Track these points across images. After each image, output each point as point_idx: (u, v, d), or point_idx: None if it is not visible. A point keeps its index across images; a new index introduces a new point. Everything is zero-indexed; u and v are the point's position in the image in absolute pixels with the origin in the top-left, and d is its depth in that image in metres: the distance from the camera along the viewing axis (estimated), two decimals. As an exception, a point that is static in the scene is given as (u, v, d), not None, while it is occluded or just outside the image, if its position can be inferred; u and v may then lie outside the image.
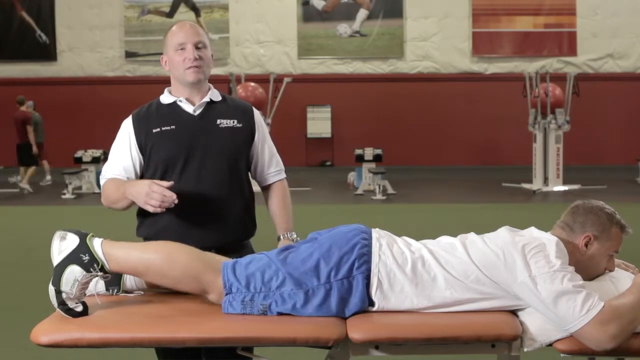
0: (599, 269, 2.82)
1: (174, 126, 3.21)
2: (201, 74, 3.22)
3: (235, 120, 3.27)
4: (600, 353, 2.54)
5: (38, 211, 12.98)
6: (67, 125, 19.72)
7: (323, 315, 2.66)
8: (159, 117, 3.24)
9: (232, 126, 3.26)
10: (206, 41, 3.25)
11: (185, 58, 3.19)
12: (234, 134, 3.25)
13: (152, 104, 3.31)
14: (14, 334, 5.44)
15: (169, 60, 3.25)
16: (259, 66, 19.96)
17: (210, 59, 3.27)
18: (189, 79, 3.21)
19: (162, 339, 2.57)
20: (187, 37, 3.20)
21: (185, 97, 3.26)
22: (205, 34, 3.28)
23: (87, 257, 2.69)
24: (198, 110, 3.25)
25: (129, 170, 3.23)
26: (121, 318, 2.64)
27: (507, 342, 2.61)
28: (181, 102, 3.26)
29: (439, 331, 2.58)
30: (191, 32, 3.22)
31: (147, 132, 3.22)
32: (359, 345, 2.58)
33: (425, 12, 20.02)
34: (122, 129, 3.29)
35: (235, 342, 2.59)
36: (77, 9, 20.33)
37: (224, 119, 3.26)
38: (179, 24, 3.29)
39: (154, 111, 3.27)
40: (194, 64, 3.19)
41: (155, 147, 3.20)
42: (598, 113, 19.20)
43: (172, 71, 3.26)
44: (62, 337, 2.54)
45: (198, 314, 2.68)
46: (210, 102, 3.28)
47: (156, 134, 3.21)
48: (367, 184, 14.57)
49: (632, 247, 3.67)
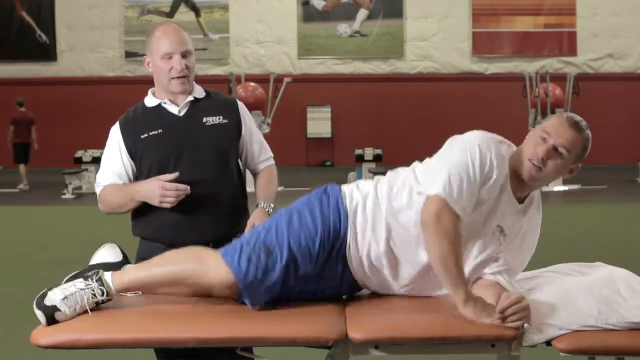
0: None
1: (160, 130, 3.23)
2: (187, 84, 3.24)
3: (221, 117, 3.29)
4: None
5: (38, 211, 12.98)
6: (67, 125, 19.72)
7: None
8: (145, 122, 3.25)
9: (219, 123, 3.27)
10: (191, 47, 3.26)
11: (172, 68, 3.20)
12: (221, 131, 3.27)
13: (137, 108, 3.32)
14: (14, 334, 5.44)
15: (153, 65, 3.26)
16: (259, 66, 19.96)
17: (194, 63, 3.28)
18: (175, 90, 3.23)
19: (161, 339, 2.57)
20: (174, 47, 3.20)
21: (169, 99, 3.27)
22: (189, 38, 3.27)
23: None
24: (183, 110, 3.27)
25: (122, 176, 3.25)
26: (120, 319, 2.64)
27: (507, 342, 2.60)
28: (165, 104, 3.27)
29: (439, 331, 2.58)
30: (177, 40, 3.21)
31: (135, 138, 3.23)
32: (359, 345, 2.58)
33: (425, 12, 20.02)
34: (110, 136, 3.30)
35: (235, 342, 2.59)
36: (77, 9, 20.33)
37: (209, 116, 3.27)
38: (162, 29, 3.27)
39: (140, 116, 3.28)
40: (181, 74, 3.20)
41: (145, 152, 3.22)
42: (598, 113, 19.17)
43: (157, 77, 3.27)
44: (61, 339, 2.55)
45: (198, 314, 2.68)
46: (194, 100, 3.29)
47: (144, 139, 3.22)
48: (367, 184, 14.56)
49: (632, 247, 3.67)
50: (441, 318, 2.63)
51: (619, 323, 2.58)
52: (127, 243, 3.15)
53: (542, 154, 2.69)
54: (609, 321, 2.58)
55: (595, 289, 2.70)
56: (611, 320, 2.59)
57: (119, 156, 3.25)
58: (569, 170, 2.78)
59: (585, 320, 2.59)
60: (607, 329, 2.58)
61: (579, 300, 2.65)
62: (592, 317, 2.59)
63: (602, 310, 2.60)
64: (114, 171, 3.25)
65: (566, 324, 2.59)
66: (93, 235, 9.47)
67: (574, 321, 2.59)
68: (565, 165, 2.74)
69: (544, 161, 2.69)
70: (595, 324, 2.58)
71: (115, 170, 3.25)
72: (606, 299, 2.65)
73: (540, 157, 2.68)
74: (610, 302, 2.64)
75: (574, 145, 2.73)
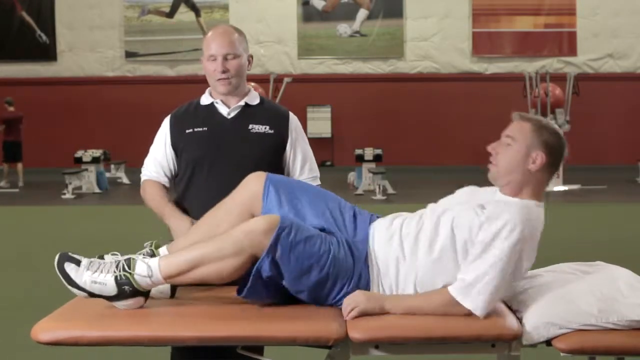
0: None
1: (206, 128, 3.26)
2: (229, 85, 3.26)
3: (268, 127, 3.29)
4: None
5: (38, 211, 12.98)
6: (67, 125, 19.72)
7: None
8: (195, 118, 3.30)
9: (264, 132, 3.27)
10: (238, 50, 3.26)
11: (215, 69, 3.24)
12: (263, 140, 3.26)
13: (192, 104, 3.38)
14: (14, 334, 5.44)
15: (203, 66, 3.31)
16: (259, 66, 19.95)
17: (241, 66, 3.28)
18: (219, 90, 3.28)
19: (162, 337, 2.57)
20: (218, 49, 3.23)
21: (222, 100, 3.29)
22: (238, 41, 3.28)
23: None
24: (232, 113, 3.29)
25: (165, 167, 3.33)
26: (122, 316, 2.65)
27: (507, 342, 2.61)
28: (217, 104, 3.31)
29: (439, 331, 2.58)
30: (222, 42, 3.24)
31: (180, 131, 3.29)
32: (359, 344, 2.58)
33: (425, 12, 20.02)
34: (161, 127, 3.38)
35: (235, 341, 2.60)
36: (77, 9, 20.33)
37: (256, 124, 3.28)
38: (214, 30, 3.32)
39: (192, 111, 3.34)
40: (222, 76, 3.23)
41: (186, 148, 3.27)
42: (598, 113, 19.20)
43: (207, 77, 3.31)
44: (62, 335, 2.54)
45: (199, 313, 2.69)
46: (246, 105, 3.30)
47: (188, 134, 3.27)
48: (367, 184, 14.58)
49: (632, 247, 3.67)
50: (441, 318, 2.64)
51: (619, 321, 2.58)
52: (126, 242, 3.15)
53: (490, 149, 2.83)
54: (610, 320, 2.59)
55: (595, 288, 2.70)
56: (612, 319, 2.59)
57: (163, 147, 3.32)
58: (531, 160, 2.78)
59: (586, 319, 2.59)
60: (608, 328, 2.59)
61: (580, 299, 2.65)
62: (592, 316, 2.59)
63: (603, 308, 2.60)
64: (158, 162, 3.33)
65: (567, 323, 2.59)
66: (93, 235, 9.47)
67: (575, 320, 2.59)
68: (515, 153, 2.78)
69: (494, 156, 2.82)
70: (596, 322, 2.58)
71: (159, 161, 3.33)
72: (606, 298, 2.65)
73: (490, 153, 2.83)
74: (610, 300, 2.64)
75: (519, 134, 2.79)
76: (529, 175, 2.79)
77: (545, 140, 2.78)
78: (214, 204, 3.04)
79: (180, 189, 3.32)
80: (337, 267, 2.72)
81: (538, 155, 2.77)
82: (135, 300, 2.67)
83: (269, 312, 2.70)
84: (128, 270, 2.66)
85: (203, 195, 3.16)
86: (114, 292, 2.65)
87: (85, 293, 2.66)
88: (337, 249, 2.74)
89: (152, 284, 2.69)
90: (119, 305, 2.67)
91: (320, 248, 2.71)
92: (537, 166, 2.78)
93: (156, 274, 2.67)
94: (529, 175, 2.79)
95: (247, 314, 2.67)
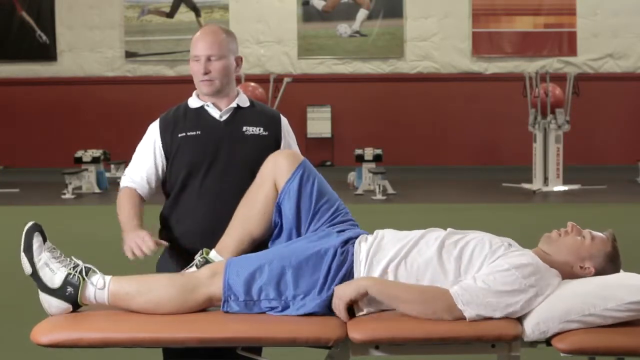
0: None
1: (199, 131, 3.24)
2: (212, 86, 3.24)
3: (262, 128, 3.29)
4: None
5: (38, 211, 12.97)
6: (67, 125, 19.70)
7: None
8: (185, 122, 3.27)
9: (258, 134, 3.28)
10: (223, 51, 3.25)
11: (198, 70, 3.23)
12: (259, 142, 3.26)
13: (180, 108, 3.34)
14: (14, 334, 5.44)
15: (190, 66, 3.29)
16: (259, 66, 19.94)
17: (226, 68, 3.26)
18: (203, 91, 3.26)
19: (162, 339, 2.58)
20: (202, 49, 3.22)
21: (212, 102, 3.27)
22: (225, 42, 3.27)
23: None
24: (224, 115, 3.27)
25: (151, 174, 3.26)
26: (121, 318, 2.65)
27: (507, 342, 2.61)
28: (208, 106, 3.28)
29: (439, 331, 2.58)
30: (206, 43, 3.23)
31: (172, 136, 3.25)
32: (359, 345, 2.58)
33: (425, 12, 20.01)
34: (148, 132, 3.31)
35: (235, 342, 2.60)
36: (77, 9, 20.32)
37: (250, 126, 3.28)
38: (201, 30, 3.32)
39: (181, 115, 3.30)
40: (204, 78, 3.22)
41: (180, 152, 3.24)
42: (598, 113, 19.19)
43: (193, 77, 3.29)
44: (62, 337, 2.54)
45: (198, 314, 2.69)
46: (237, 107, 3.29)
47: (181, 138, 3.24)
48: (367, 184, 14.57)
49: (632, 247, 3.67)
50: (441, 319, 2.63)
51: (619, 306, 2.58)
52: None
53: (571, 225, 3.17)
54: (609, 306, 2.59)
55: (592, 279, 2.74)
56: (610, 305, 2.59)
57: (152, 153, 3.26)
58: (582, 266, 2.87)
59: (585, 309, 2.59)
60: (607, 316, 2.59)
61: (577, 290, 2.67)
62: (591, 305, 2.60)
63: (601, 295, 2.61)
64: (144, 169, 3.26)
65: (566, 315, 2.59)
66: (93, 235, 9.47)
67: (574, 311, 2.59)
68: (578, 249, 2.92)
69: (565, 233, 3.09)
70: (595, 311, 2.58)
71: (145, 168, 3.26)
72: (604, 285, 2.67)
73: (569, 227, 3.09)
74: (607, 287, 2.65)
75: (594, 249, 2.94)
76: (570, 270, 2.84)
77: (604, 267, 2.84)
78: (209, 206, 3.05)
79: (173, 194, 3.28)
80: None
81: (591, 269, 2.84)
82: (64, 305, 2.66)
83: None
84: (84, 276, 2.68)
85: (198, 198, 3.13)
86: (56, 285, 2.66)
87: (30, 269, 2.67)
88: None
89: (94, 300, 2.69)
90: (44, 300, 2.67)
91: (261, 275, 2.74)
92: (581, 273, 2.83)
93: (106, 289, 2.67)
94: (570, 271, 2.84)
95: (247, 316, 2.67)
